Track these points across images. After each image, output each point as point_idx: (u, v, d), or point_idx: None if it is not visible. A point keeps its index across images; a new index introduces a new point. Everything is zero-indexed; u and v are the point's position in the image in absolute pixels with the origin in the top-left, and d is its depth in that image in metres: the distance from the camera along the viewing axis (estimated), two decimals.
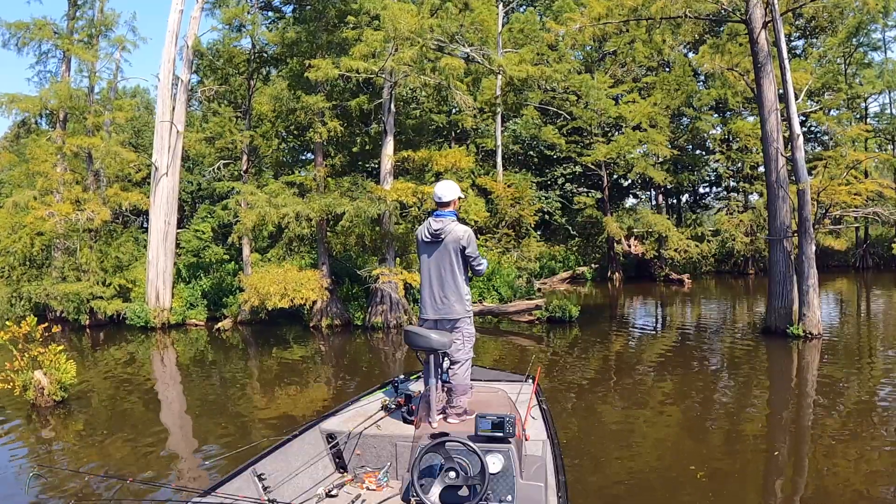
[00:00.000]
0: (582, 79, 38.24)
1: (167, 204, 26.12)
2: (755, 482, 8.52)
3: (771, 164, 18.98)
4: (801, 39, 46.10)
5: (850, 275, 40.80)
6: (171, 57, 26.31)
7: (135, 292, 26.74)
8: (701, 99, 42.79)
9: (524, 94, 37.73)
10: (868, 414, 11.34)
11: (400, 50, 20.84)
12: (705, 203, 52.71)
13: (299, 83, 23.51)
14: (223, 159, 30.05)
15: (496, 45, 31.83)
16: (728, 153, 43.91)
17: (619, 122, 41.02)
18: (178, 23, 26.47)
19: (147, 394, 15.06)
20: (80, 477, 9.04)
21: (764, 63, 18.94)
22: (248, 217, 21.87)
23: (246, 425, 11.87)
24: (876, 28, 41.96)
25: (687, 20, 20.75)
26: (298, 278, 22.17)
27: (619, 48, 40.67)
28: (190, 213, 44.68)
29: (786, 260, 18.80)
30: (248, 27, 25.97)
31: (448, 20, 22.28)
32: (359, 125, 26.91)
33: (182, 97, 26.49)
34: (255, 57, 27.32)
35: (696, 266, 43.01)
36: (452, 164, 23.32)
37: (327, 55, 22.61)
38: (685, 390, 13.71)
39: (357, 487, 6.32)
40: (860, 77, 41.49)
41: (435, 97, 27.24)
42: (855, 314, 24.74)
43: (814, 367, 15.61)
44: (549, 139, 39.52)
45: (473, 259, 6.91)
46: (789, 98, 18.31)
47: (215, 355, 20.20)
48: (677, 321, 25.11)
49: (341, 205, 21.84)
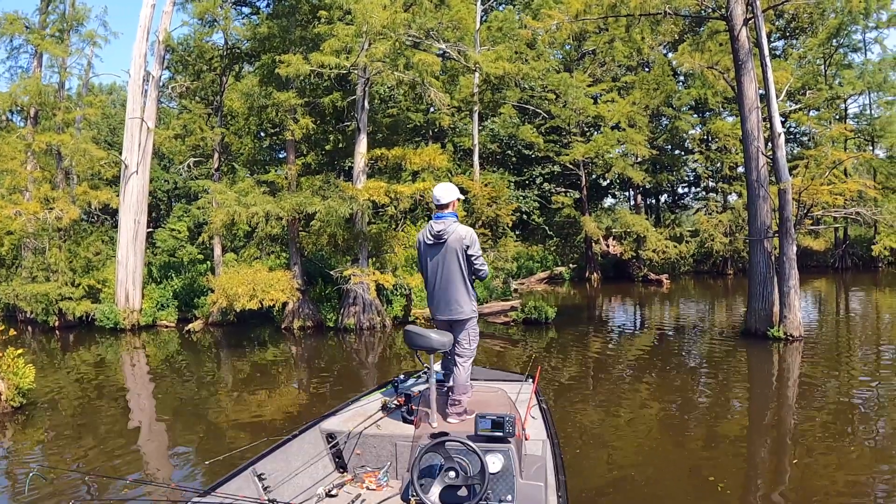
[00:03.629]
0: (560, 77, 38.04)
1: (137, 203, 25.56)
2: (735, 482, 8.43)
3: (751, 164, 18.71)
4: (780, 40, 46.28)
5: (828, 275, 40.86)
6: (143, 52, 25.77)
7: (104, 293, 26.17)
8: (680, 98, 42.82)
9: (502, 92, 37.47)
10: (848, 415, 11.35)
11: (373, 45, 20.47)
12: (684, 203, 52.76)
13: (271, 79, 23.08)
14: (195, 157, 29.55)
15: (474, 43, 31.52)
16: (707, 153, 43.97)
17: (598, 122, 40.98)
18: (150, 17, 25.96)
19: (116, 398, 14.62)
20: (79, 477, 9.00)
21: (745, 61, 18.68)
22: (217, 216, 21.40)
23: (218, 429, 11.55)
24: (856, 29, 42.10)
25: (667, 18, 20.45)
26: (268, 279, 21.77)
27: (598, 47, 40.55)
28: (166, 212, 44.36)
29: (766, 261, 18.56)
30: (221, 22, 25.39)
31: (423, 16, 21.95)
32: (332, 123, 26.51)
33: (153, 93, 25.96)
34: (227, 53, 26.81)
35: (675, 266, 42.99)
36: (427, 163, 23.04)
37: (300, 51, 22.22)
38: (664, 391, 13.53)
39: (357, 487, 6.32)
40: (840, 78, 41.57)
41: (410, 95, 26.87)
42: (834, 315, 24.59)
43: (794, 370, 15.43)
44: (526, 138, 39.32)
45: (476, 259, 6.89)
46: (770, 97, 18.06)
47: (186, 357, 19.72)
48: (656, 322, 24.88)
49: (312, 204, 21.43)
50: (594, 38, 39.45)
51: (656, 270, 40.74)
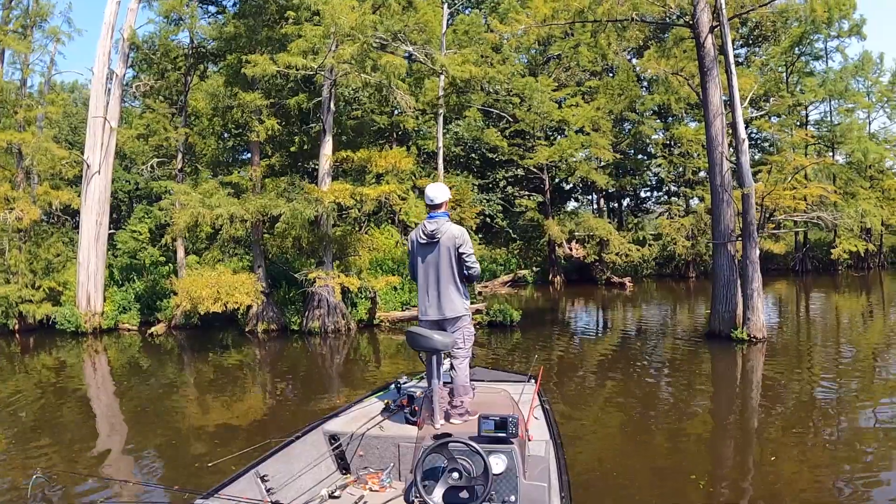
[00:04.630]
0: (525, 81, 38.09)
1: (99, 203, 25.21)
2: (699, 482, 8.44)
3: (715, 168, 18.87)
4: (744, 48, 46.89)
5: (789, 278, 41.47)
6: (107, 50, 25.43)
7: (65, 295, 25.71)
8: (644, 104, 43.25)
9: (467, 95, 37.46)
10: (810, 413, 11.55)
11: (340, 46, 20.39)
12: (646, 207, 53.13)
13: (237, 80, 22.88)
14: (158, 157, 29.22)
15: (440, 46, 31.53)
16: (670, 158, 44.33)
17: (562, 126, 41.17)
18: (115, 14, 25.61)
19: (77, 402, 14.43)
20: (82, 479, 8.92)
21: (710, 67, 18.84)
22: (180, 218, 21.19)
23: (181, 434, 11.39)
24: (818, 38, 42.81)
25: (633, 24, 20.59)
26: (232, 282, 21.59)
27: (563, 52, 40.86)
28: (127, 213, 43.82)
29: (730, 264, 18.72)
30: (187, 20, 25.12)
31: (391, 18, 21.92)
32: (297, 124, 26.39)
33: (116, 92, 25.62)
34: (192, 52, 26.55)
35: (638, 269, 43.47)
36: (392, 166, 23.01)
37: (266, 51, 22.07)
38: (629, 392, 13.62)
39: (360, 488, 6.27)
40: (802, 85, 42.24)
41: (376, 97, 26.81)
42: (795, 317, 24.92)
43: (758, 370, 15.62)
44: (491, 141, 39.36)
45: (468, 258, 6.95)
46: (735, 103, 18.25)
47: (149, 362, 19.44)
48: (619, 324, 25.04)
49: (277, 206, 21.30)
50: (559, 42, 39.74)
51: (619, 273, 41.05)
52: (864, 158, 42.24)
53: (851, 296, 32.14)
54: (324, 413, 11.95)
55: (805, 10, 36.70)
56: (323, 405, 12.81)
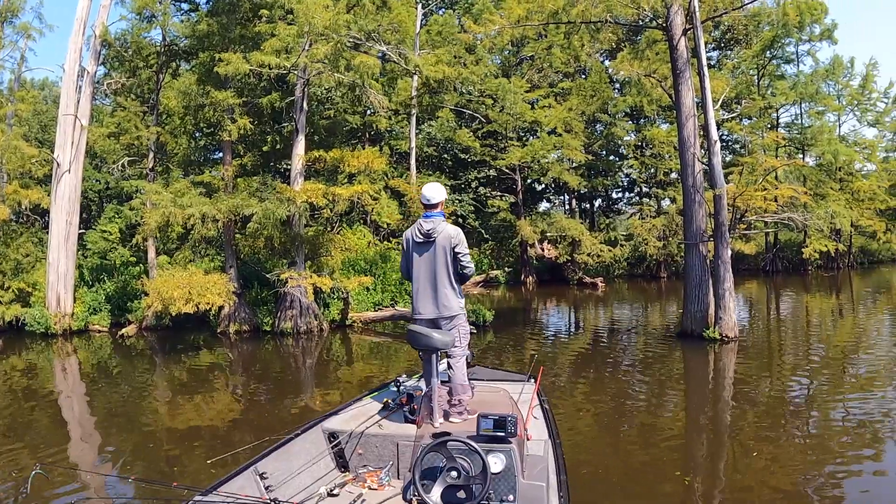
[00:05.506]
0: (498, 82, 38.19)
1: (69, 203, 24.91)
2: (672, 480, 8.47)
3: (687, 170, 18.99)
4: (715, 51, 47.30)
5: (759, 278, 41.95)
6: (78, 46, 25.11)
7: (35, 297, 25.38)
8: (616, 105, 43.54)
9: (440, 96, 37.52)
10: (781, 411, 11.62)
11: (314, 46, 20.31)
12: (618, 208, 53.36)
13: (209, 78, 22.68)
14: (129, 156, 28.96)
15: (414, 47, 31.50)
16: (642, 159, 44.61)
17: (535, 127, 41.39)
18: (87, 10, 25.28)
19: (47, 405, 14.22)
20: (81, 475, 8.97)
21: (683, 70, 18.96)
22: (151, 217, 21.00)
23: (153, 437, 11.22)
24: (790, 42, 43.37)
25: (606, 26, 20.66)
26: (204, 282, 21.40)
27: (536, 53, 41.04)
28: (97, 213, 43.42)
29: (701, 264, 18.84)
30: (159, 18, 24.88)
31: (365, 18, 21.86)
32: (270, 123, 26.23)
33: (87, 90, 25.31)
34: (165, 49, 26.34)
35: (609, 270, 43.69)
36: (365, 166, 22.98)
37: (239, 49, 21.94)
38: (601, 391, 13.65)
39: (359, 487, 6.28)
40: (773, 88, 42.70)
41: (349, 97, 26.71)
42: (766, 316, 25.14)
43: (730, 369, 15.71)
44: (463, 142, 39.38)
45: (463, 257, 7.07)
46: (707, 105, 18.34)
47: (120, 363, 19.21)
48: (592, 324, 25.14)
49: (249, 206, 21.17)
50: (533, 44, 39.89)
51: (591, 274, 41.29)
52: (835, 160, 42.79)
53: (821, 295, 32.45)
54: (296, 416, 11.95)
55: (777, 15, 37.02)
56: (296, 407, 12.77)
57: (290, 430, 6.83)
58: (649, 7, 19.43)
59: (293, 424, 11.04)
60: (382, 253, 29.67)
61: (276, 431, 10.32)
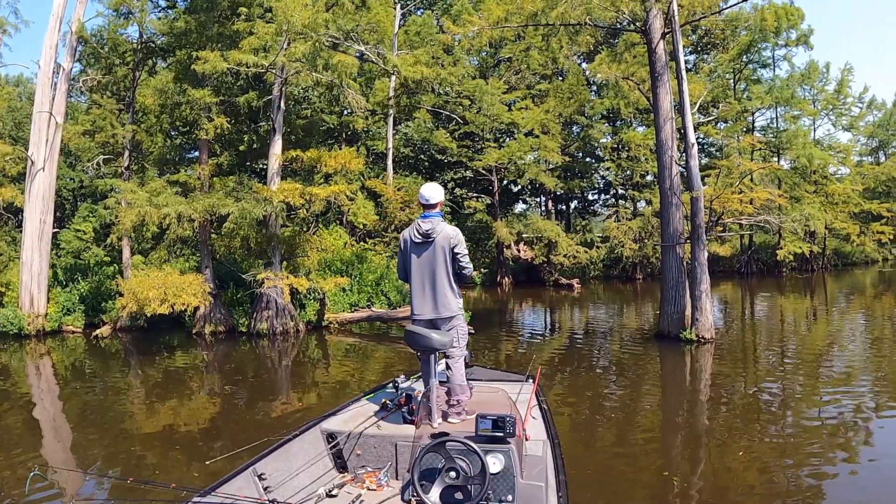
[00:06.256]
0: (476, 84, 38.26)
1: (43, 201, 24.59)
2: (648, 481, 8.53)
3: (665, 172, 19.05)
4: (692, 55, 47.65)
5: (734, 280, 42.36)
6: (54, 42, 24.76)
7: (8, 297, 25.07)
8: (594, 108, 43.82)
9: (417, 96, 37.53)
10: (756, 412, 11.73)
11: (292, 44, 20.21)
12: (594, 210, 53.62)
13: (186, 76, 22.51)
14: (104, 154, 28.70)
15: (392, 47, 31.46)
16: (618, 161, 44.84)
17: (512, 128, 41.44)
18: (64, 6, 24.91)
19: (20, 407, 14.04)
20: (79, 476, 8.92)
21: (661, 73, 19.04)
22: (126, 217, 20.77)
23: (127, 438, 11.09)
24: (766, 46, 43.88)
25: (585, 28, 20.70)
26: (179, 283, 21.21)
27: (514, 55, 41.12)
28: (71, 212, 43.01)
29: (678, 266, 18.91)
30: (137, 14, 24.59)
31: (344, 17, 21.77)
32: (247, 123, 26.05)
33: (63, 86, 24.98)
34: (141, 46, 26.10)
35: (585, 271, 43.81)
36: (342, 166, 22.90)
37: (217, 48, 21.79)
38: (578, 392, 13.64)
39: (357, 487, 6.31)
40: (749, 92, 43.11)
41: (327, 96, 26.62)
42: (742, 318, 25.29)
43: (707, 370, 15.79)
44: (440, 143, 39.47)
45: (462, 257, 7.06)
46: (685, 108, 18.44)
47: (94, 364, 19.00)
48: (568, 325, 25.19)
49: (225, 205, 21.01)
50: (511, 45, 39.97)
51: (567, 275, 41.43)
52: (809, 164, 43.21)
53: (796, 297, 32.71)
54: (272, 418, 11.88)
55: (755, 20, 37.38)
56: (272, 409, 12.67)
57: (289, 431, 6.84)
58: (629, 11, 19.49)
59: (268, 426, 11.03)
60: (359, 254, 29.57)
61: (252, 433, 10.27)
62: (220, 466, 7.94)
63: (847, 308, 27.38)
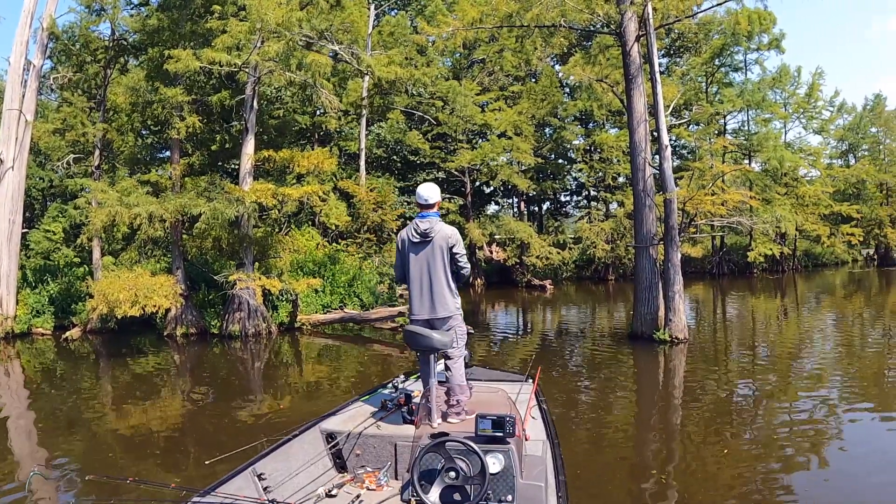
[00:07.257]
0: (449, 85, 38.31)
1: (12, 201, 24.24)
2: (621, 482, 8.55)
3: (638, 174, 19.12)
4: (665, 58, 47.91)
5: (706, 281, 42.68)
6: (25, 39, 24.45)
7: None
8: (567, 110, 43.97)
9: (391, 97, 37.48)
10: (729, 411, 11.84)
11: (266, 43, 20.09)
12: (566, 211, 53.80)
13: (158, 74, 22.30)
14: (74, 153, 28.40)
15: (366, 47, 31.38)
16: (591, 163, 45.01)
17: (485, 130, 41.49)
18: (35, 1, 24.68)
19: None
20: (79, 476, 8.93)
21: (635, 75, 19.11)
22: (97, 217, 20.54)
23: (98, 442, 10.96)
24: (739, 50, 44.31)
25: (560, 30, 20.75)
26: (150, 284, 20.98)
27: (487, 56, 41.23)
28: (40, 212, 42.54)
29: (652, 267, 18.99)
30: (109, 11, 24.25)
31: (318, 16, 21.67)
32: (219, 122, 25.85)
33: (33, 84, 24.64)
34: (113, 44, 25.79)
35: (558, 272, 44.00)
36: (315, 166, 22.81)
37: (190, 46, 21.60)
38: (552, 393, 13.52)
39: (357, 487, 6.32)
40: (721, 95, 43.53)
41: (300, 96, 26.53)
42: (713, 318, 25.47)
43: (680, 370, 15.86)
44: (413, 144, 39.48)
45: (460, 257, 7.14)
46: (659, 110, 18.51)
47: (64, 367, 18.73)
48: (541, 326, 25.21)
49: (197, 205, 20.80)
50: (484, 47, 40.08)
51: (539, 276, 41.56)
52: (780, 166, 43.77)
53: (767, 297, 32.99)
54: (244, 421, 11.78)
55: (728, 24, 37.71)
56: (244, 412, 12.57)
57: (288, 431, 6.83)
58: (603, 13, 19.54)
59: (242, 429, 10.93)
60: (331, 255, 29.44)
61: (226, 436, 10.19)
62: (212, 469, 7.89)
63: (817, 308, 27.65)
